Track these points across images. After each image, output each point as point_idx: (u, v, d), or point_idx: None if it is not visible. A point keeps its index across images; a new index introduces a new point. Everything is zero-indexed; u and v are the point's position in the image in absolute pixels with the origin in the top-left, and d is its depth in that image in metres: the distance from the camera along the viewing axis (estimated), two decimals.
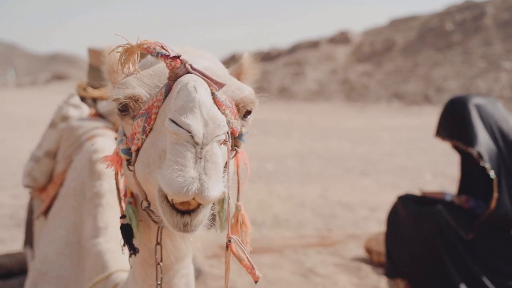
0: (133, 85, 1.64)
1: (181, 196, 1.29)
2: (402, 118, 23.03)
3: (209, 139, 1.32)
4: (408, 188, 8.79)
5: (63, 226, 2.98)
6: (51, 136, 3.77)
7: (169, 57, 1.52)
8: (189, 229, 1.40)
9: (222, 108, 1.56)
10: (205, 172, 1.30)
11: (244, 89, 1.70)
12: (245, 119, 1.73)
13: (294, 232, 6.44)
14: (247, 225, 1.91)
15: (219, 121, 1.35)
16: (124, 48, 1.59)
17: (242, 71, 1.99)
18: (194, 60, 1.67)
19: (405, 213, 3.77)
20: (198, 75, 1.51)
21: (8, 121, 19.51)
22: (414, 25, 40.21)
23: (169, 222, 1.41)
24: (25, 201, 7.61)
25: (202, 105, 1.34)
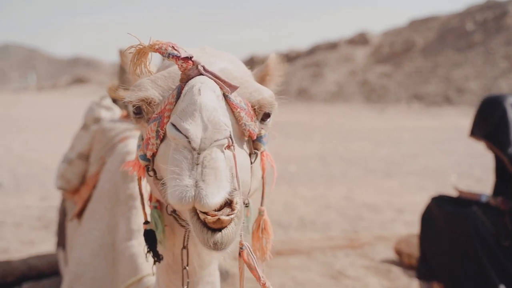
0: (147, 87, 1.61)
1: (179, 206, 1.25)
2: (422, 119, 22.82)
3: (207, 144, 1.27)
4: (433, 190, 8.69)
5: (98, 228, 2.97)
6: (84, 138, 3.78)
7: (180, 58, 1.48)
8: (219, 248, 1.33)
9: (237, 110, 1.54)
10: (202, 178, 1.25)
11: (263, 92, 1.65)
12: (264, 122, 1.69)
13: (320, 233, 6.40)
14: (269, 231, 1.83)
15: (220, 125, 1.30)
16: (136, 49, 1.56)
17: (267, 72, 1.93)
18: (212, 61, 1.65)
19: (440, 214, 3.71)
20: (210, 77, 1.47)
21: (30, 124, 19.74)
22: (434, 26, 39.84)
23: (199, 239, 1.35)
24: (52, 203, 7.69)
25: (203, 109, 1.30)
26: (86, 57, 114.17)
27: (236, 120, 1.56)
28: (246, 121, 1.56)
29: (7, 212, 7.27)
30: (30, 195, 8.30)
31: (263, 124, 1.69)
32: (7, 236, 6.22)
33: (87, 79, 54.97)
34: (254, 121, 1.61)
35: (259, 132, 1.65)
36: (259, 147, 1.66)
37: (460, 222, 3.56)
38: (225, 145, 1.32)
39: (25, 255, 5.12)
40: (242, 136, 1.59)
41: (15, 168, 10.79)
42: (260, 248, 1.83)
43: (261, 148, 1.67)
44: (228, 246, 1.35)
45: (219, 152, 1.29)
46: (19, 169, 10.74)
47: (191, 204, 1.25)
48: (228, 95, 1.52)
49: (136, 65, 1.59)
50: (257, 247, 1.84)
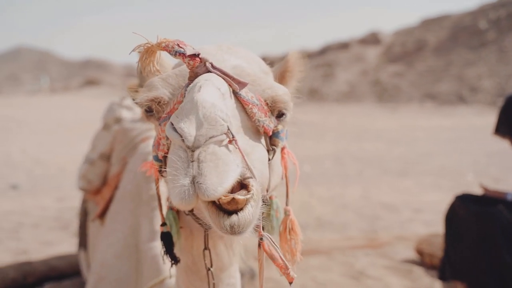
0: (157, 86, 1.59)
1: (181, 206, 1.23)
2: (436, 118, 22.67)
3: (201, 141, 1.24)
4: (450, 189, 8.62)
5: (121, 229, 2.96)
6: (105, 139, 3.77)
7: (187, 56, 1.46)
8: (236, 231, 1.29)
9: (249, 106, 1.52)
10: (200, 172, 1.22)
11: (277, 89, 1.62)
12: (281, 118, 1.66)
13: (338, 233, 6.36)
14: (297, 231, 1.79)
15: (215, 121, 1.26)
16: (144, 47, 1.54)
17: (287, 68, 1.91)
18: (225, 58, 1.63)
19: (465, 213, 3.66)
20: (218, 74, 1.45)
21: (44, 126, 19.87)
22: (447, 25, 39.58)
23: (215, 224, 1.31)
24: (68, 204, 7.72)
25: (200, 106, 1.26)
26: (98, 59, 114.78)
27: (249, 117, 1.54)
28: (259, 117, 1.54)
29: (25, 213, 7.31)
30: (47, 196, 8.34)
31: (280, 120, 1.66)
32: (26, 237, 6.25)
33: (98, 81, 55.19)
34: (269, 117, 1.59)
35: (275, 127, 1.63)
36: (277, 143, 1.63)
37: (485, 221, 3.51)
38: (226, 141, 1.28)
39: (45, 255, 5.13)
40: (257, 132, 1.57)
41: (31, 170, 10.86)
42: (289, 250, 1.80)
43: (279, 143, 1.64)
44: (246, 230, 1.31)
45: (217, 147, 1.26)
46: (35, 170, 10.81)
47: (194, 203, 1.22)
48: (238, 92, 1.50)
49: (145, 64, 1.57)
50: (286, 249, 1.80)
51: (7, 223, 6.80)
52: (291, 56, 1.92)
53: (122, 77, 64.55)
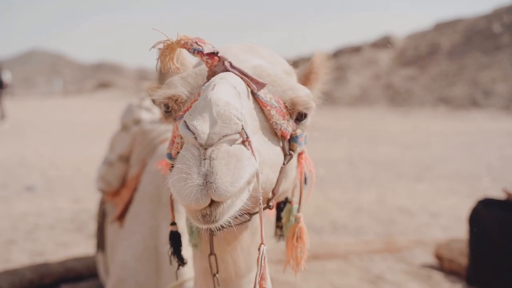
0: (176, 85, 1.58)
1: (192, 206, 1.20)
2: (449, 122, 22.50)
3: (215, 139, 1.21)
4: (467, 194, 8.54)
5: (140, 231, 2.95)
6: (124, 140, 3.76)
7: (205, 54, 1.44)
8: (208, 220, 1.26)
9: (267, 108, 1.49)
10: (211, 170, 1.19)
11: (298, 90, 1.59)
12: (300, 122, 1.63)
13: (353, 237, 6.31)
14: (304, 240, 1.75)
15: (230, 119, 1.23)
16: (164, 44, 1.53)
17: (312, 70, 1.87)
18: (247, 57, 1.62)
19: (489, 218, 3.61)
20: (236, 73, 1.43)
21: (58, 128, 19.99)
22: (460, 28, 39.31)
23: (187, 211, 1.30)
24: (84, 205, 7.74)
25: (213, 104, 1.23)
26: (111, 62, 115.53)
27: (267, 119, 1.51)
28: (277, 119, 1.51)
29: (41, 214, 7.33)
30: (62, 198, 8.37)
31: (299, 124, 1.63)
32: (42, 238, 6.27)
33: (111, 84, 55.54)
34: (287, 120, 1.56)
35: (294, 131, 1.60)
36: (295, 148, 1.60)
37: (510, 226, 3.45)
38: (239, 140, 1.26)
39: (62, 257, 5.15)
40: (274, 135, 1.54)
41: (46, 171, 10.91)
42: (294, 257, 1.77)
43: (297, 148, 1.61)
44: (219, 220, 1.27)
45: (230, 146, 1.23)
46: (50, 172, 10.86)
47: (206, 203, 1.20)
48: (256, 93, 1.47)
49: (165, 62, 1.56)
50: (292, 256, 1.77)
51: (23, 225, 6.82)
52: (316, 57, 1.88)
53: (135, 80, 64.87)
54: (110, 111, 26.44)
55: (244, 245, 1.78)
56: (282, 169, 1.57)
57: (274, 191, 1.59)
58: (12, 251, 5.74)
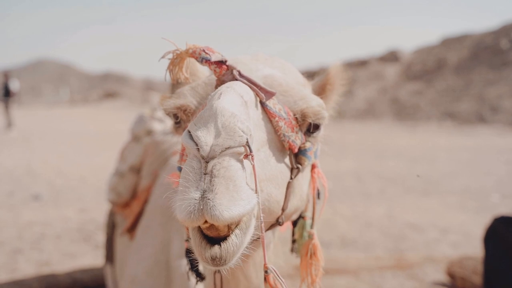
0: (186, 95, 1.54)
1: (186, 221, 1.13)
2: (456, 137, 22.40)
3: (217, 151, 1.15)
4: (476, 210, 8.47)
5: (151, 244, 2.90)
6: (135, 151, 3.72)
7: (213, 62, 1.41)
8: (218, 263, 1.20)
9: (275, 119, 1.44)
10: (211, 188, 1.12)
11: (309, 100, 1.54)
12: (312, 134, 1.58)
13: (363, 252, 6.24)
14: (319, 257, 1.69)
15: (234, 131, 1.16)
16: (173, 54, 1.50)
17: (327, 81, 1.82)
18: (258, 67, 1.57)
19: (508, 236, 3.54)
20: (245, 82, 1.39)
21: (65, 137, 20.01)
22: (468, 44, 39.31)
23: (197, 253, 1.22)
24: (90, 215, 7.70)
25: (219, 114, 1.17)
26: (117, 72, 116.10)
27: (275, 130, 1.46)
28: (285, 131, 1.46)
29: (47, 224, 7.30)
30: (69, 207, 8.33)
31: (311, 136, 1.58)
32: (49, 248, 6.23)
33: (118, 94, 55.70)
34: (296, 132, 1.51)
35: (303, 144, 1.54)
36: (303, 161, 1.54)
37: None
38: (242, 154, 1.19)
39: (68, 267, 5.10)
40: (282, 148, 1.49)
41: (53, 180, 10.89)
42: (310, 275, 1.71)
43: (306, 162, 1.55)
44: (230, 261, 1.22)
45: (233, 160, 1.17)
46: (57, 181, 10.83)
47: (201, 220, 1.13)
48: (265, 103, 1.43)
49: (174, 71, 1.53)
50: (306, 273, 1.71)
51: (30, 234, 6.79)
52: (332, 68, 1.84)
53: (141, 90, 65.07)
54: (116, 121, 26.48)
55: (257, 260, 1.74)
56: (289, 184, 1.52)
57: (283, 208, 1.53)
58: (18, 261, 5.70)
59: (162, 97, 4.05)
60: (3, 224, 7.28)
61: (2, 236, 6.68)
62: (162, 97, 4.07)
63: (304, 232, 1.81)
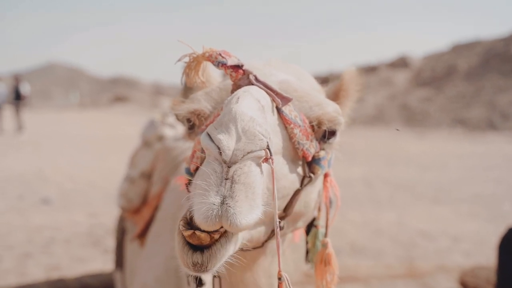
0: (199, 100, 1.53)
1: (204, 225, 1.13)
2: (466, 144, 22.26)
3: (239, 156, 1.14)
4: (488, 218, 8.39)
5: (162, 252, 2.87)
6: (146, 157, 3.70)
7: (230, 66, 1.39)
8: (199, 270, 1.20)
9: (290, 126, 1.42)
10: (231, 195, 1.12)
11: (325, 106, 1.52)
12: (328, 141, 1.55)
13: (373, 260, 6.19)
14: (333, 265, 1.69)
15: (255, 135, 1.16)
16: (190, 57, 1.49)
17: (341, 87, 1.79)
18: (273, 72, 1.55)
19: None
20: (261, 87, 1.36)
21: (75, 141, 20.07)
22: (478, 50, 39.13)
23: (179, 257, 1.22)
24: (100, 219, 7.70)
25: (238, 118, 1.17)
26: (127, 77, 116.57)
27: (289, 137, 1.44)
28: (300, 139, 1.44)
29: (57, 228, 7.30)
30: (78, 211, 8.34)
31: (326, 143, 1.55)
32: (58, 252, 6.23)
33: (127, 98, 55.89)
34: (311, 140, 1.49)
35: (317, 153, 1.52)
36: (316, 170, 1.51)
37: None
38: (262, 158, 1.18)
39: (78, 272, 5.10)
40: (295, 155, 1.46)
41: (63, 184, 10.91)
42: (324, 284, 1.70)
43: (319, 171, 1.52)
44: (210, 269, 1.20)
45: (254, 165, 1.16)
46: (66, 185, 10.86)
47: (218, 224, 1.12)
48: (281, 109, 1.41)
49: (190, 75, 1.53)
50: (321, 283, 1.70)
51: (39, 238, 6.80)
52: (346, 74, 1.82)
53: (151, 94, 65.31)
54: (126, 125, 26.57)
55: (265, 266, 1.73)
56: (297, 192, 1.49)
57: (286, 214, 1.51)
58: (28, 265, 5.70)
59: (173, 102, 4.02)
60: (13, 228, 7.30)
61: (12, 240, 6.69)
62: (173, 102, 4.04)
63: (316, 241, 1.80)
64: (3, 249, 6.31)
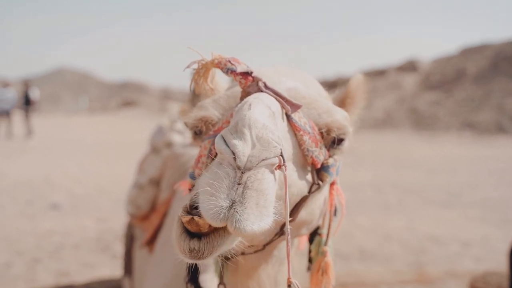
0: (207, 107, 1.53)
1: (210, 221, 1.14)
2: (475, 148, 22.13)
3: (253, 162, 1.15)
4: (498, 223, 8.31)
5: (171, 259, 2.87)
6: (155, 163, 3.70)
7: (239, 73, 1.39)
8: (195, 256, 1.20)
9: (300, 133, 1.42)
10: (241, 201, 1.12)
11: (334, 113, 1.52)
12: (338, 147, 1.54)
13: (382, 265, 6.15)
14: (330, 275, 1.66)
15: (269, 142, 1.17)
16: (199, 64, 1.49)
17: (348, 94, 1.80)
18: (281, 79, 1.55)
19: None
20: (270, 94, 1.36)
21: (84, 146, 20.16)
22: (487, 54, 38.92)
23: (176, 243, 1.23)
24: (109, 225, 7.72)
25: (252, 125, 1.18)
26: (136, 81, 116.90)
27: (298, 144, 1.44)
28: (309, 146, 1.44)
29: (66, 233, 7.32)
30: (87, 217, 8.36)
31: (335, 149, 1.55)
32: (67, 258, 6.24)
33: (136, 102, 56.07)
34: (320, 148, 1.48)
35: (326, 160, 1.51)
36: (325, 178, 1.51)
37: None
38: (276, 165, 1.19)
39: (86, 278, 5.11)
40: (304, 162, 1.46)
41: (72, 189, 10.95)
42: None
43: (327, 179, 1.52)
44: (208, 256, 1.21)
45: (267, 172, 1.17)
46: (76, 190, 10.89)
47: (222, 224, 1.13)
48: (291, 116, 1.41)
49: (199, 82, 1.52)
50: None
51: (49, 243, 6.82)
52: (353, 80, 1.82)
53: (159, 99, 65.50)
54: (135, 130, 26.65)
55: (270, 272, 1.72)
56: (304, 198, 1.49)
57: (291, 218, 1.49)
58: (37, 271, 5.71)
59: (182, 110, 4.01)
60: (23, 233, 7.32)
61: (21, 246, 6.71)
62: (182, 109, 4.03)
63: (319, 248, 1.79)
64: (13, 255, 6.33)
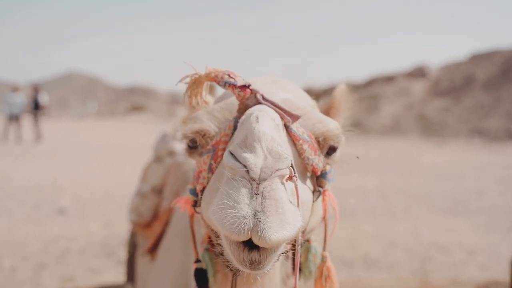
0: (202, 119, 1.53)
1: (234, 236, 1.14)
2: (484, 155, 22.02)
3: (267, 173, 1.17)
4: (505, 231, 8.27)
5: (172, 268, 2.89)
6: (157, 171, 3.72)
7: (237, 87, 1.41)
8: (256, 267, 1.23)
9: (299, 142, 1.44)
10: (262, 209, 1.14)
11: (327, 123, 1.54)
12: (330, 156, 1.57)
13: (387, 273, 6.14)
14: (333, 279, 1.68)
15: (279, 154, 1.20)
16: (192, 78, 1.51)
17: (332, 104, 1.82)
18: (273, 91, 1.56)
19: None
20: (269, 106, 1.39)
21: (91, 150, 20.25)
22: (497, 60, 38.76)
23: (235, 257, 1.24)
24: (114, 230, 7.75)
25: (262, 138, 1.20)
26: (144, 86, 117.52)
27: (298, 153, 1.46)
28: (309, 154, 1.46)
29: (72, 238, 7.36)
30: (93, 222, 8.40)
31: (329, 158, 1.57)
32: (72, 263, 6.27)
33: (143, 107, 56.31)
34: (318, 155, 1.51)
35: (324, 167, 1.54)
36: (324, 184, 1.55)
37: None
38: (286, 176, 1.22)
39: (92, 284, 5.13)
40: (304, 171, 1.49)
41: (79, 194, 10.99)
42: None
43: (326, 185, 1.55)
44: (266, 266, 1.24)
45: (279, 183, 1.19)
46: (82, 194, 10.94)
47: (246, 237, 1.15)
48: (289, 126, 1.43)
49: (192, 96, 1.54)
50: None
51: (55, 248, 6.85)
52: (337, 91, 1.84)
53: (167, 104, 65.74)
54: (142, 135, 26.75)
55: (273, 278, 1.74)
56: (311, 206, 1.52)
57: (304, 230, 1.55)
58: (43, 276, 5.75)
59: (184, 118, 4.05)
60: (29, 238, 7.37)
61: (28, 251, 6.75)
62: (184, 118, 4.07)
63: (309, 255, 1.80)
64: (19, 259, 6.37)
